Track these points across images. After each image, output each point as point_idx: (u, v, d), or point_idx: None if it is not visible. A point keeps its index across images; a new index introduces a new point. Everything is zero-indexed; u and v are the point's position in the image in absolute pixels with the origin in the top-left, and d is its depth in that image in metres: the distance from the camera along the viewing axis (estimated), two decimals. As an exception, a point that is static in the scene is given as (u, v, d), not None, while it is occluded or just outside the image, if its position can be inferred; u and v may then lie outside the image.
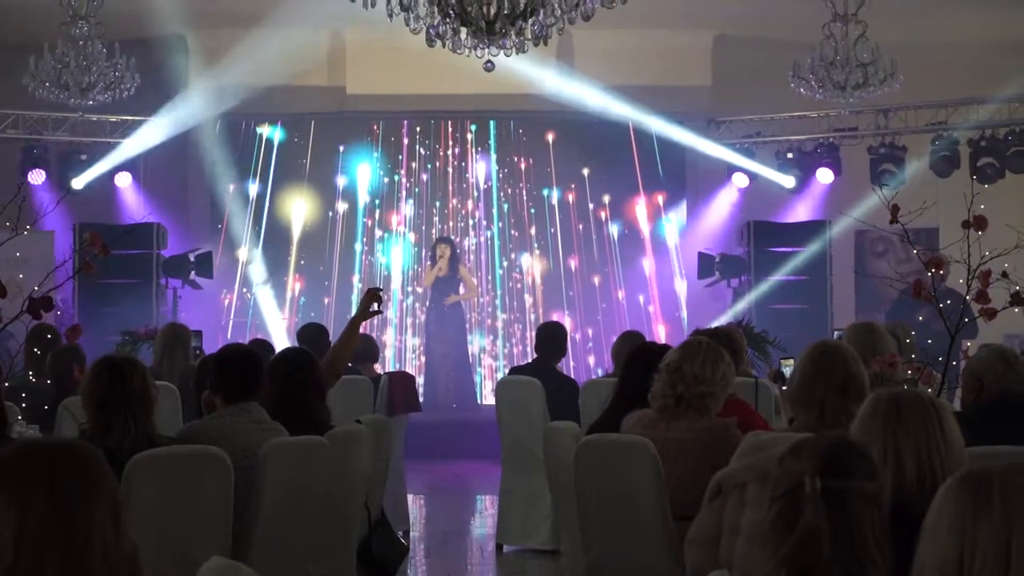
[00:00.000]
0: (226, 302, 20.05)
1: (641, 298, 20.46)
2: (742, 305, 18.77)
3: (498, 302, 20.63)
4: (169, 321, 12.69)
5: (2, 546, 2.81)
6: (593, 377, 15.81)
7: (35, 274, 9.33)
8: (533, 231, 20.67)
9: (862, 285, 19.28)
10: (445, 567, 11.19)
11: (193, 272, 18.96)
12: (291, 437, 6.40)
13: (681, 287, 20.30)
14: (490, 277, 20.69)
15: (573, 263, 20.51)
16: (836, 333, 12.71)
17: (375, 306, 8.67)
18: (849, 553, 3.35)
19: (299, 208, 20.40)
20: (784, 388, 6.74)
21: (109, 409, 6.01)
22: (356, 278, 20.10)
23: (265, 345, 10.95)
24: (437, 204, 20.73)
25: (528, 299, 20.61)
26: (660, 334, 19.09)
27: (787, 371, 9.29)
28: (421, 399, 13.98)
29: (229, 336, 18.79)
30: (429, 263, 19.21)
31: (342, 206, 20.44)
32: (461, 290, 19.08)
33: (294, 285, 20.30)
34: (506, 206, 20.72)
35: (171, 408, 8.76)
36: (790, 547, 3.40)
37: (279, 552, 6.24)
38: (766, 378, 10.03)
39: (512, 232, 20.68)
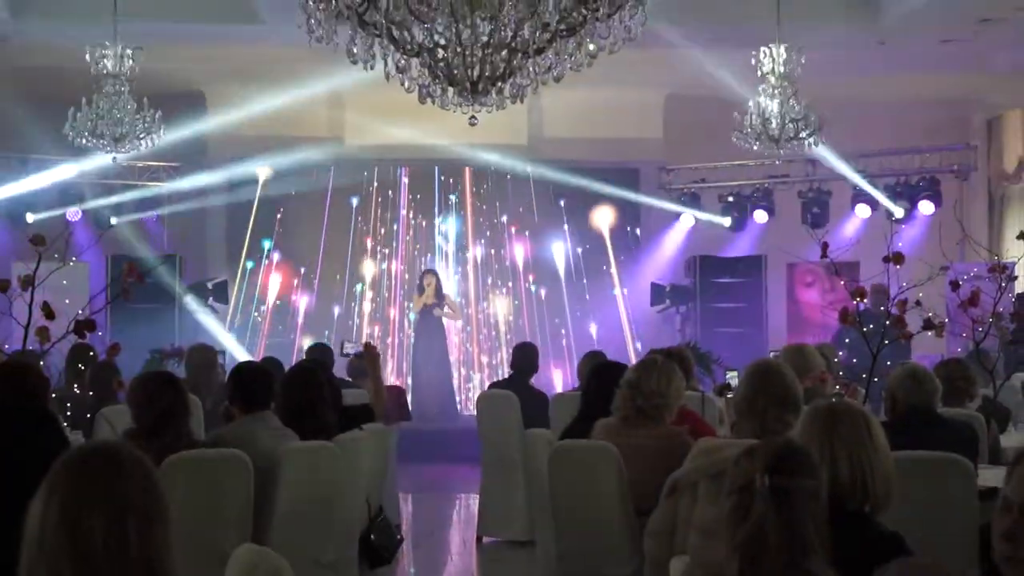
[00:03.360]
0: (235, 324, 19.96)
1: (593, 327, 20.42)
2: (689, 329, 18.87)
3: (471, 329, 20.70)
4: (198, 343, 12.66)
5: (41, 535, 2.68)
6: (559, 391, 15.85)
7: (76, 299, 9.37)
8: (510, 262, 20.73)
9: (792, 311, 19.39)
10: (432, 556, 11.21)
11: (211, 298, 19.02)
12: (303, 442, 6.45)
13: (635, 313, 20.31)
14: (468, 309, 20.69)
15: (543, 291, 20.57)
16: (771, 353, 12.79)
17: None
18: (792, 541, 3.42)
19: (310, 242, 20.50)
20: (730, 397, 6.79)
21: (165, 417, 6.09)
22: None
23: (275, 362, 11.00)
24: (419, 241, 20.77)
25: (503, 325, 20.65)
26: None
27: (732, 381, 9.38)
28: (410, 409, 14.02)
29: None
30: (417, 292, 19.23)
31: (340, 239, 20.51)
32: (447, 310, 19.13)
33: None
34: (480, 245, 20.79)
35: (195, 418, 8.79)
36: (742, 536, 3.48)
37: (292, 542, 6.25)
38: (711, 392, 10.13)
39: (493, 265, 20.75)
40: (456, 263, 20.73)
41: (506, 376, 12.18)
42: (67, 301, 9.25)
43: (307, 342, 17.15)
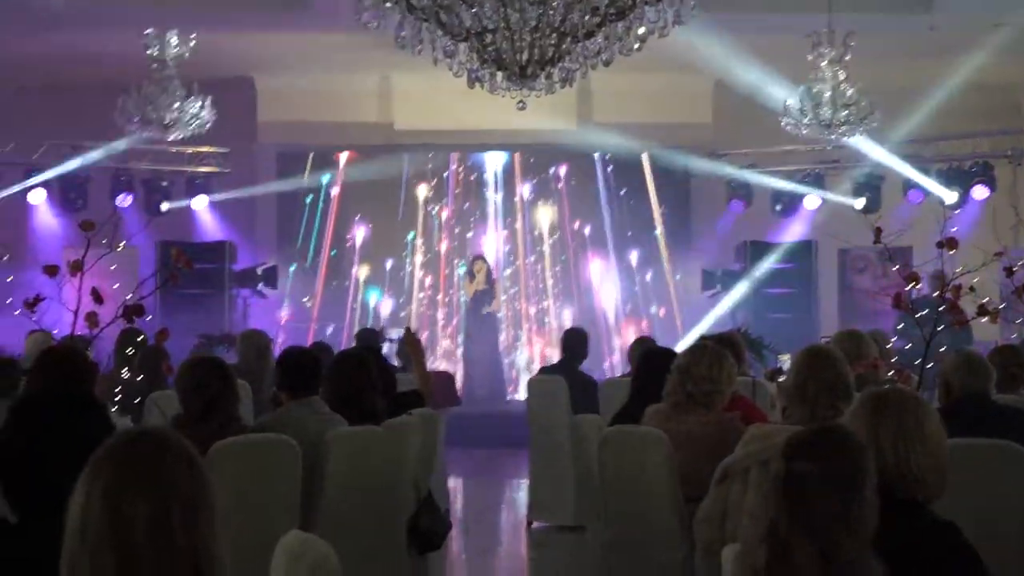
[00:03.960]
0: (284, 311, 19.99)
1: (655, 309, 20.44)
2: (740, 314, 18.69)
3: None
4: (250, 328, 12.67)
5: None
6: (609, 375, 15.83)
7: (125, 285, 9.36)
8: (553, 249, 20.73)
9: (844, 297, 19.24)
10: (481, 541, 11.17)
11: (261, 284, 19.03)
12: (351, 427, 6.39)
13: (685, 298, 20.24)
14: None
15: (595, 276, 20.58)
16: (822, 339, 12.66)
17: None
18: (812, 528, 3.32)
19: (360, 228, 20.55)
20: (781, 382, 6.70)
21: (213, 403, 6.06)
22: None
23: (324, 347, 10.97)
24: (472, 226, 20.78)
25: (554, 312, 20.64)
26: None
27: (784, 365, 9.26)
28: (460, 395, 13.98)
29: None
30: (468, 277, 19.24)
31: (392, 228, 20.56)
32: (494, 303, 19.15)
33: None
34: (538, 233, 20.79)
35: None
36: (764, 525, 3.39)
37: (341, 527, 6.20)
38: (763, 378, 10.03)
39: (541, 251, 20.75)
40: (505, 242, 20.71)
41: (556, 361, 12.12)
42: (116, 286, 9.21)
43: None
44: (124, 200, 18.67)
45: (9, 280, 14.51)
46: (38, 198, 18.62)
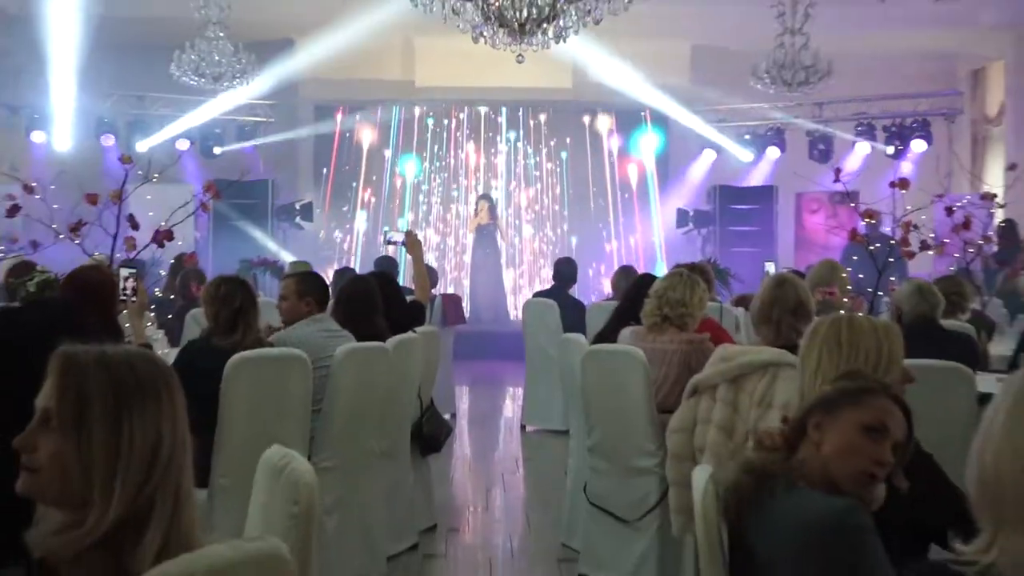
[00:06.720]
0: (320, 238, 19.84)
1: (632, 240, 20.12)
2: (710, 248, 18.60)
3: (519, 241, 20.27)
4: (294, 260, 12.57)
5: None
6: (595, 300, 15.53)
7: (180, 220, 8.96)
8: (554, 190, 20.32)
9: (799, 234, 19.12)
10: (482, 441, 11.02)
11: (298, 217, 18.76)
12: (359, 343, 6.01)
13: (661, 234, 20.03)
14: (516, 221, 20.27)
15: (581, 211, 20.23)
16: (784, 269, 12.45)
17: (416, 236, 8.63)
18: None
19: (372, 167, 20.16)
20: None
21: (235, 316, 5.68)
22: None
23: (348, 271, 10.76)
24: (481, 169, 20.33)
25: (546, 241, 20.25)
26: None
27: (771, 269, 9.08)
28: (467, 315, 13.80)
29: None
30: (472, 213, 18.99)
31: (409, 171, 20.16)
32: (498, 235, 18.81)
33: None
34: (533, 171, 20.32)
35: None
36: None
37: (352, 432, 5.89)
38: (729, 303, 9.82)
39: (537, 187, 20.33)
40: (510, 183, 20.31)
41: (549, 287, 11.90)
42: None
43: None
44: (182, 144, 18.31)
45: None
46: (109, 142, 18.28)
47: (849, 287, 7.56)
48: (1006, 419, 1.99)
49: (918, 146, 18.24)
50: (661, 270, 16.47)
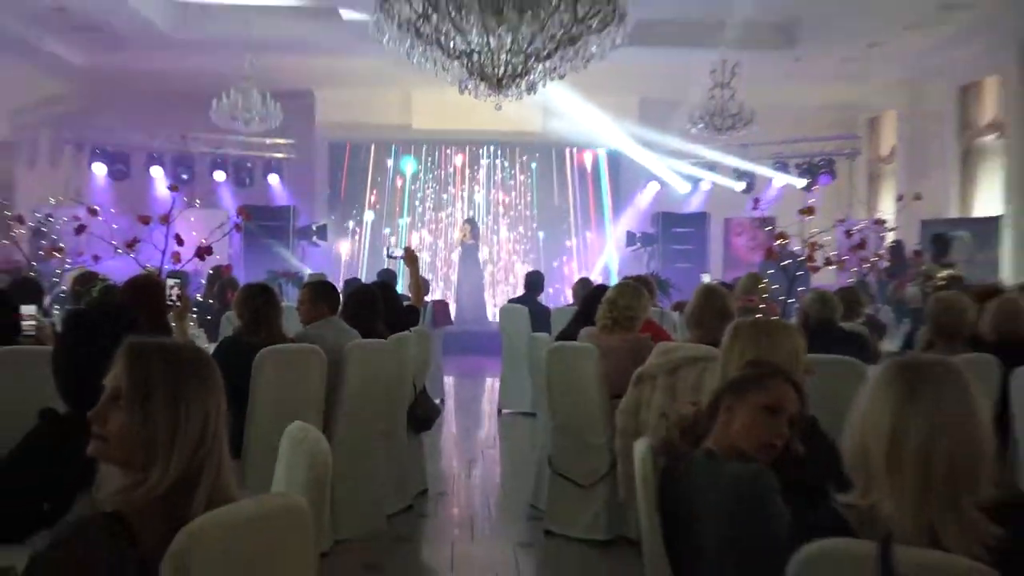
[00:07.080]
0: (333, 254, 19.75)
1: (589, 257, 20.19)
2: (653, 264, 18.59)
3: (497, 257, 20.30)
4: (312, 272, 12.55)
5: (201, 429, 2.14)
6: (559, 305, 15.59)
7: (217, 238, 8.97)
8: (525, 213, 20.38)
9: (726, 253, 19.17)
10: (466, 422, 10.94)
11: (315, 236, 18.74)
12: (364, 340, 6.05)
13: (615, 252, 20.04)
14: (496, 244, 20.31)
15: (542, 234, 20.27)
16: (713, 281, 12.51)
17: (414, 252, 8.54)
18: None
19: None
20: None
21: (259, 317, 5.69)
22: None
23: (355, 281, 10.74)
24: (464, 199, 20.36)
25: (520, 260, 20.30)
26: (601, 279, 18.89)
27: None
28: (453, 317, 13.80)
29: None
30: (460, 233, 19.06)
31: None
32: (478, 252, 18.91)
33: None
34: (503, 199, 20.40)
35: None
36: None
37: (357, 414, 5.90)
38: (668, 309, 9.86)
39: (510, 214, 20.36)
40: (488, 214, 20.33)
41: (520, 294, 11.91)
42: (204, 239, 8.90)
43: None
44: (219, 175, 18.26)
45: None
46: (158, 173, 18.21)
47: (766, 295, 7.64)
48: (868, 400, 2.17)
49: (824, 180, 18.30)
50: (613, 281, 16.53)
